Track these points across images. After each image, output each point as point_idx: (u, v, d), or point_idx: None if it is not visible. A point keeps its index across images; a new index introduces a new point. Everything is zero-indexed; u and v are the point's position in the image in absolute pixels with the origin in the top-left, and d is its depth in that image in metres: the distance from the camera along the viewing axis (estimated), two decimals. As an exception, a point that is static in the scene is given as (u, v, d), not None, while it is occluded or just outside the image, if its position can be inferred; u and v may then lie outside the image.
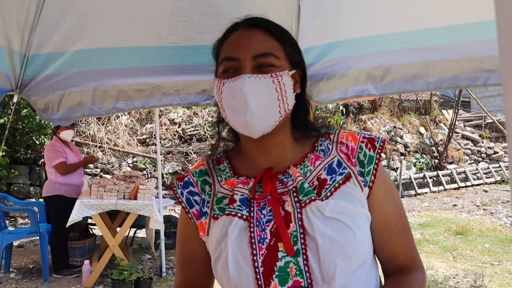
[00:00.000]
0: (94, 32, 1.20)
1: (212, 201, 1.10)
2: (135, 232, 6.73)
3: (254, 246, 1.00)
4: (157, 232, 5.62)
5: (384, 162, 11.25)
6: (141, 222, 5.72)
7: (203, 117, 10.70)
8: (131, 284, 4.81)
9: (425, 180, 11.46)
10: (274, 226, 1.01)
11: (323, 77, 1.64)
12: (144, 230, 6.62)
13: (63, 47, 1.17)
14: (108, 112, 1.34)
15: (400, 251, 1.08)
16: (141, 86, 1.40)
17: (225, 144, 1.17)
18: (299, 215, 1.00)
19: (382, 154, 1.11)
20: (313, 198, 1.00)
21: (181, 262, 1.20)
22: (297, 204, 1.01)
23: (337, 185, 1.02)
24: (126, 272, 4.74)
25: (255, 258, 0.99)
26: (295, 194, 1.02)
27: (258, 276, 0.99)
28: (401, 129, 12.31)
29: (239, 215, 1.03)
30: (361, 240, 1.00)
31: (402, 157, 11.66)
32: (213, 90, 1.05)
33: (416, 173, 11.61)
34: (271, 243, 1.00)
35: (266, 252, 0.99)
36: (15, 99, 1.21)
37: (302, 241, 0.99)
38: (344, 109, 11.22)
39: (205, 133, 10.41)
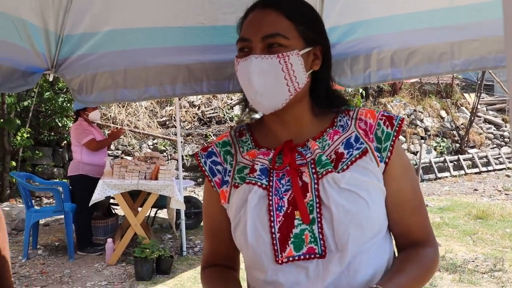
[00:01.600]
0: (124, 12, 1.24)
1: (234, 170, 1.15)
2: (156, 212, 6.88)
3: (272, 213, 1.05)
4: (178, 212, 5.73)
5: (404, 146, 11.17)
6: (162, 202, 5.84)
7: (222, 100, 10.75)
8: (153, 262, 4.94)
9: (446, 164, 11.35)
10: (292, 195, 1.06)
11: (346, 57, 1.65)
12: (165, 210, 6.76)
13: (95, 28, 1.21)
14: (140, 97, 1.38)
15: (413, 227, 1.12)
16: (170, 67, 1.44)
17: (250, 118, 1.22)
18: (316, 186, 1.05)
19: (402, 137, 1.14)
20: (329, 170, 1.05)
21: (207, 230, 1.26)
22: (314, 175, 1.06)
23: (353, 159, 1.07)
24: (147, 250, 4.86)
25: (272, 224, 1.05)
26: (312, 166, 1.07)
27: (274, 242, 1.05)
28: (422, 113, 12.18)
29: (258, 183, 1.08)
30: (374, 212, 1.05)
31: (422, 140, 11.56)
32: None
33: (436, 157, 11.51)
34: (288, 211, 1.05)
35: (283, 219, 1.05)
36: (50, 78, 1.26)
37: (318, 210, 1.04)
38: (363, 92, 11.14)
39: (224, 115, 10.47)
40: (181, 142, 9.19)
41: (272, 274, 1.06)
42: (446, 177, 11.19)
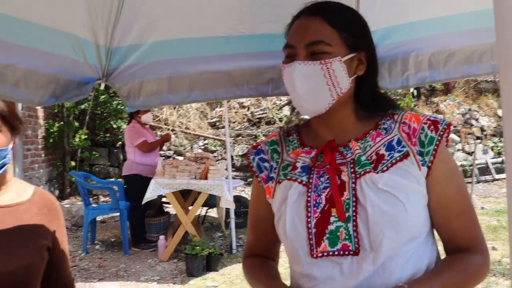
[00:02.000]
0: (167, 25, 1.33)
1: (279, 167, 1.22)
2: (206, 211, 7.04)
3: (309, 209, 1.10)
4: (228, 211, 5.85)
5: (458, 146, 10.81)
6: (212, 201, 5.98)
7: (271, 101, 10.81)
8: (203, 259, 5.07)
9: (504, 165, 10.88)
10: (330, 193, 1.10)
11: (384, 60, 1.67)
12: (215, 209, 6.91)
13: (141, 40, 1.32)
14: (183, 101, 1.48)
15: (459, 232, 1.11)
16: (212, 74, 1.52)
17: (299, 119, 1.28)
18: (353, 185, 1.08)
19: (456, 137, 1.15)
20: (368, 170, 1.08)
21: (251, 223, 1.34)
22: (353, 175, 1.09)
23: (394, 161, 1.09)
24: (198, 247, 5.00)
25: (309, 220, 1.10)
26: (352, 166, 1.10)
27: (310, 237, 1.09)
28: (477, 112, 11.73)
29: (299, 180, 1.14)
30: (412, 216, 1.05)
31: (478, 140, 11.13)
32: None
33: (493, 158, 11.05)
34: (325, 208, 1.09)
35: (319, 215, 1.09)
36: (102, 86, 1.38)
37: (354, 208, 1.07)
38: (415, 91, 10.86)
39: (273, 116, 10.53)
40: (231, 142, 9.33)
41: (307, 268, 1.11)
42: (504, 178, 10.69)
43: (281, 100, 10.73)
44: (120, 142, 9.43)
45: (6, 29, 1.10)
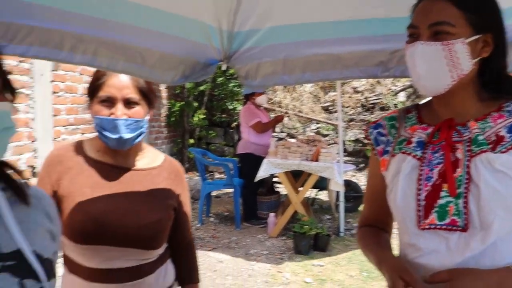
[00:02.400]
0: (282, 12, 1.44)
1: (395, 142, 1.26)
2: (316, 193, 7.15)
3: (420, 182, 1.15)
4: (338, 195, 5.90)
5: None
6: (322, 184, 6.06)
7: (386, 86, 10.50)
8: (311, 239, 5.19)
9: None
10: (443, 168, 1.13)
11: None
12: (325, 192, 6.99)
13: (259, 25, 1.45)
14: (297, 81, 1.59)
15: None
16: (323, 56, 1.60)
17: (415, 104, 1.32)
18: (467, 163, 1.10)
19: None
20: (484, 149, 1.09)
21: (367, 194, 1.42)
22: (468, 153, 1.11)
23: None
24: (306, 226, 5.13)
25: (419, 192, 1.14)
26: (468, 144, 1.12)
27: (419, 208, 1.14)
28: None
29: (413, 154, 1.19)
30: None
31: None
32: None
33: None
34: (436, 183, 1.13)
35: (430, 189, 1.13)
36: (223, 68, 1.55)
37: (466, 185, 1.09)
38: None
39: (387, 102, 10.24)
40: (343, 127, 9.29)
41: (414, 238, 1.15)
42: None
43: (396, 85, 10.38)
44: (235, 123, 9.84)
45: (143, 17, 1.29)
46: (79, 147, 1.61)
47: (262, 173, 5.45)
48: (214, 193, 7.24)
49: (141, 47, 1.40)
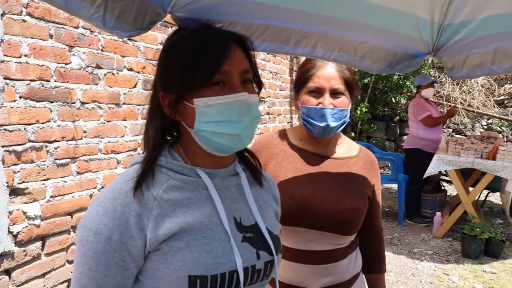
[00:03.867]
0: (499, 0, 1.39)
1: None
2: (487, 195, 6.64)
3: None
4: (513, 198, 5.42)
5: None
6: (495, 184, 5.62)
7: None
8: (482, 243, 4.88)
9: None
10: None
11: None
12: (496, 194, 6.45)
13: (473, 15, 1.41)
14: (505, 71, 1.52)
15: None
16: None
17: None
18: None
19: None
20: None
21: None
22: None
23: None
24: (478, 229, 4.83)
25: None
26: None
27: None
28: None
29: None
30: None
31: None
32: None
33: None
34: None
35: None
36: (429, 60, 1.54)
37: None
38: None
39: None
40: (521, 124, 8.41)
41: None
42: None
43: None
44: (397, 117, 9.56)
45: (363, 12, 1.36)
46: (283, 135, 1.76)
47: (431, 169, 5.24)
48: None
49: (355, 40, 1.48)
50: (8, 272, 2.32)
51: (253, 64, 1.06)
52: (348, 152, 1.74)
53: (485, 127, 9.19)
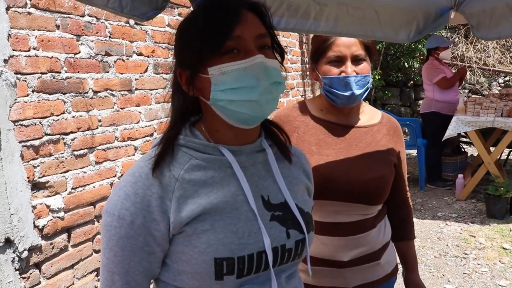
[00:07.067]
0: None
1: None
2: (509, 153, 6.53)
3: None
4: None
5: None
6: (518, 142, 5.52)
7: None
8: (507, 202, 4.82)
9: None
10: None
11: None
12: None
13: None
14: None
15: None
16: None
17: None
18: None
19: None
20: None
21: None
22: None
23: None
24: (502, 188, 4.76)
25: None
26: None
27: None
28: None
29: None
30: None
31: None
32: None
33: None
34: None
35: None
36: (451, 16, 1.47)
37: None
38: None
39: None
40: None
41: None
42: None
43: None
44: (411, 82, 9.40)
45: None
46: (303, 107, 1.70)
47: (450, 131, 5.15)
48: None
49: (375, 4, 1.42)
50: (38, 265, 2.33)
51: (270, 30, 1.01)
52: (370, 119, 1.69)
53: (502, 84, 8.99)
